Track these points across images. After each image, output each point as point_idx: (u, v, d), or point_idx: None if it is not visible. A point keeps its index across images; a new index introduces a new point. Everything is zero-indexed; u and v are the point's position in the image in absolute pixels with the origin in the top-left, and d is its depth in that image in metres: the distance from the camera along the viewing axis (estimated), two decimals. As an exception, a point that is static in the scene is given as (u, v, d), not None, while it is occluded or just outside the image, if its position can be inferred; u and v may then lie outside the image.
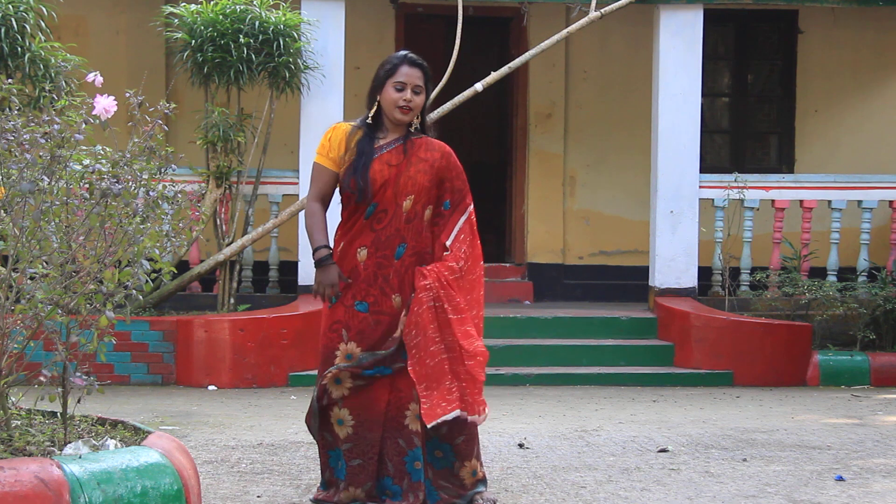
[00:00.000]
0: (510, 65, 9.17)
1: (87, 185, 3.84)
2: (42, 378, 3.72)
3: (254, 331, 8.47)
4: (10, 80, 4.53)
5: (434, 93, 5.21)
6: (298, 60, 9.05)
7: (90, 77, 4.28)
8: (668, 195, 9.68)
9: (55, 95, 7.75)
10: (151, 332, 8.42)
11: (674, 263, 9.68)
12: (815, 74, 11.78)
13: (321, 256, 4.50)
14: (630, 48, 11.32)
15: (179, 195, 4.27)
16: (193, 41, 8.83)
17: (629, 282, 11.01)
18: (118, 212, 3.83)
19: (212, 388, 8.29)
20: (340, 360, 4.49)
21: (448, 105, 8.83)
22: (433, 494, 4.51)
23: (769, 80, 12.24)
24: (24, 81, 8.27)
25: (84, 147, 3.94)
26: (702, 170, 9.83)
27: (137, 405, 7.30)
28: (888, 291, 9.28)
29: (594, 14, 9.20)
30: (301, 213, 9.13)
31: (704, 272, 9.93)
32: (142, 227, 3.88)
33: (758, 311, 9.48)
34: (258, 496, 4.82)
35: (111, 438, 3.79)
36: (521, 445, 6.03)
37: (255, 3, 8.92)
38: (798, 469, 5.51)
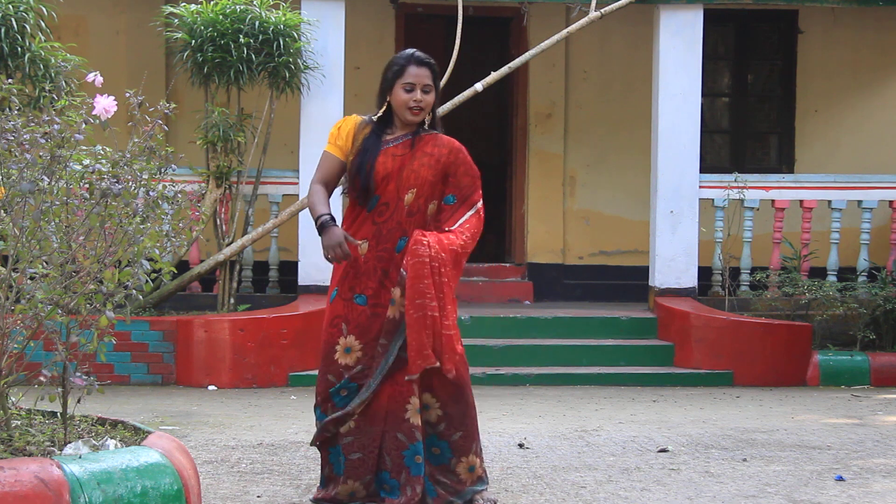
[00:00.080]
0: (510, 65, 9.17)
1: (87, 185, 3.84)
2: (42, 378, 3.72)
3: (254, 331, 8.47)
4: (10, 80, 4.53)
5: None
6: (298, 60, 9.05)
7: (90, 77, 4.28)
8: (668, 195, 9.68)
9: (55, 95, 7.75)
10: (151, 332, 8.42)
11: (674, 263, 9.68)
12: (815, 74, 11.78)
13: (322, 221, 4.44)
14: (630, 48, 11.32)
15: (179, 195, 4.27)
16: (193, 41, 8.83)
17: (629, 282, 11.01)
18: (118, 212, 3.83)
19: (212, 388, 8.29)
20: (340, 355, 4.51)
21: (448, 105, 8.82)
22: (431, 489, 4.51)
23: (769, 80, 12.24)
24: (24, 81, 8.27)
25: (84, 147, 3.94)
26: (702, 170, 9.83)
27: (137, 405, 7.30)
28: (888, 291, 9.28)
29: (594, 14, 9.20)
30: (301, 214, 9.14)
31: (704, 272, 9.93)
32: (142, 227, 3.88)
33: (758, 311, 9.47)
34: (258, 496, 4.82)
35: (111, 438, 3.79)
36: (521, 445, 6.03)
37: (255, 3, 8.92)
38: (798, 469, 5.51)
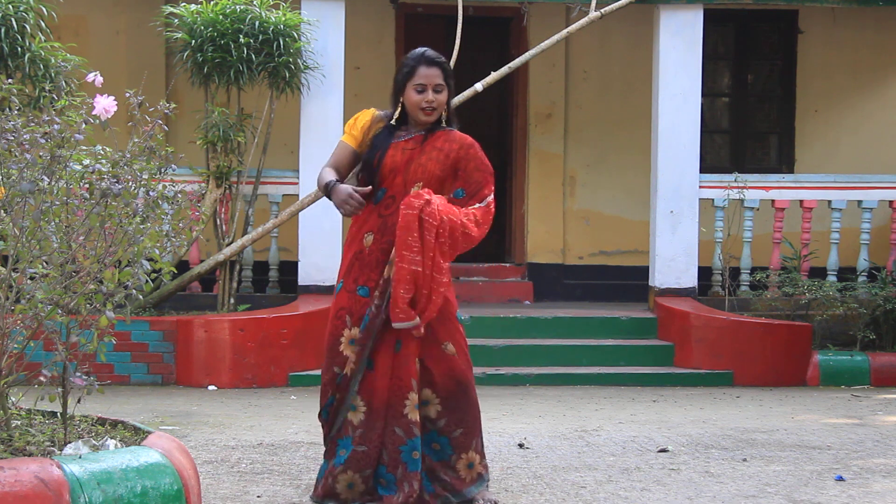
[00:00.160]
0: (510, 65, 9.17)
1: (87, 185, 3.84)
2: (42, 378, 3.72)
3: (254, 331, 8.47)
4: (10, 80, 4.53)
5: None
6: (298, 60, 9.05)
7: (90, 77, 4.28)
8: (668, 195, 9.68)
9: (55, 95, 7.75)
10: (151, 332, 8.42)
11: (674, 263, 9.68)
12: (815, 74, 11.78)
13: (328, 186, 4.47)
14: (630, 48, 11.31)
15: (179, 195, 4.27)
16: (193, 41, 8.83)
17: (629, 282, 11.01)
18: (118, 212, 3.83)
19: (212, 388, 8.29)
20: (345, 347, 4.52)
21: (448, 105, 8.82)
22: (429, 486, 4.51)
23: (769, 80, 12.24)
24: (24, 81, 8.27)
25: (84, 147, 3.94)
26: (702, 170, 9.83)
27: (137, 405, 7.30)
28: (888, 291, 9.28)
29: (594, 14, 9.20)
30: (301, 214, 9.14)
31: (704, 272, 9.93)
32: (142, 227, 3.88)
33: (758, 311, 9.47)
34: (258, 496, 4.82)
35: (111, 438, 3.79)
36: (521, 445, 6.03)
37: (255, 3, 8.92)
38: (798, 469, 5.51)
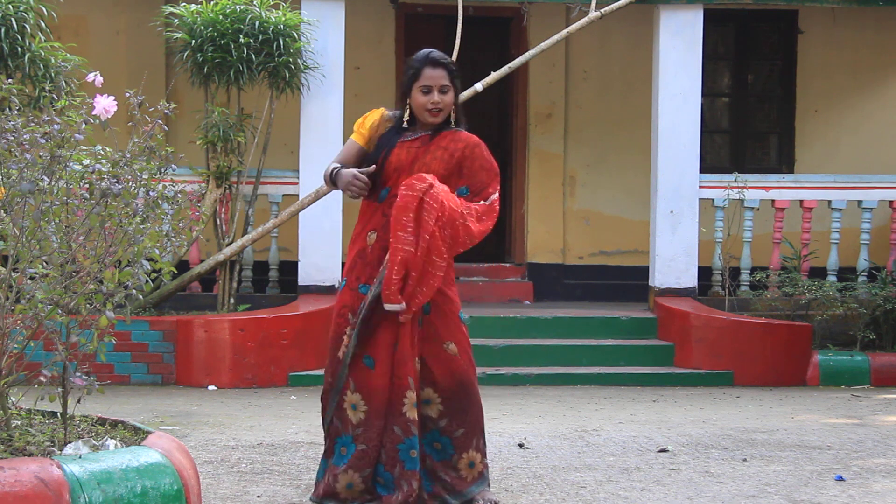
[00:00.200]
0: (510, 65, 9.16)
1: (87, 185, 3.84)
2: (42, 378, 3.72)
3: (254, 331, 8.47)
4: (10, 80, 4.53)
5: None
6: (298, 60, 9.05)
7: (90, 77, 4.27)
8: (668, 195, 9.68)
9: (55, 95, 7.75)
10: (151, 332, 8.42)
11: (674, 263, 9.68)
12: (815, 74, 11.78)
13: (333, 172, 4.53)
14: (630, 48, 11.31)
15: (179, 195, 4.27)
16: (193, 41, 8.83)
17: (629, 282, 11.01)
18: (118, 212, 3.83)
19: (212, 388, 8.29)
20: (347, 344, 4.52)
21: (448, 105, 8.82)
22: (428, 485, 4.51)
23: (769, 80, 12.24)
24: (24, 81, 8.27)
25: (84, 147, 3.94)
26: (702, 170, 9.83)
27: (137, 405, 7.30)
28: (888, 291, 9.28)
29: (594, 14, 9.20)
30: (301, 214, 9.14)
31: (704, 272, 9.93)
32: (142, 227, 3.88)
33: (758, 311, 9.47)
34: (258, 496, 4.82)
35: (111, 438, 3.79)
36: (521, 445, 6.03)
37: (255, 3, 8.92)
38: (798, 469, 5.51)
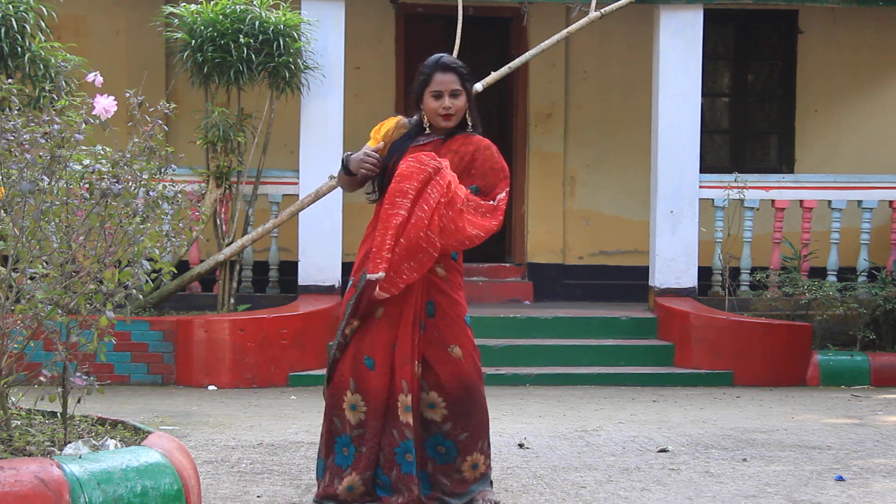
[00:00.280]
0: (510, 65, 9.16)
1: (87, 185, 3.84)
2: (42, 378, 3.72)
3: (254, 331, 8.47)
4: (10, 80, 4.53)
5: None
6: (298, 60, 9.05)
7: (90, 77, 4.27)
8: (668, 195, 9.68)
9: (55, 95, 7.75)
10: (151, 332, 8.42)
11: (674, 263, 9.68)
12: (815, 74, 11.78)
13: (343, 161, 4.57)
14: (630, 48, 11.31)
15: (179, 195, 4.27)
16: (193, 41, 8.83)
17: (629, 282, 11.01)
18: (118, 212, 3.83)
19: (212, 388, 8.29)
20: (349, 337, 4.52)
21: (448, 105, 8.81)
22: (426, 488, 4.50)
23: (769, 80, 12.24)
24: (24, 81, 8.27)
25: (84, 147, 3.94)
26: (702, 170, 9.83)
27: (137, 405, 7.30)
28: (888, 291, 9.28)
29: (594, 14, 9.20)
30: (301, 214, 9.14)
31: (704, 272, 9.93)
32: (142, 227, 3.88)
33: (758, 311, 9.47)
34: (258, 496, 4.81)
35: (111, 438, 3.79)
36: (521, 445, 6.03)
37: (255, 3, 8.93)
38: (798, 469, 5.51)
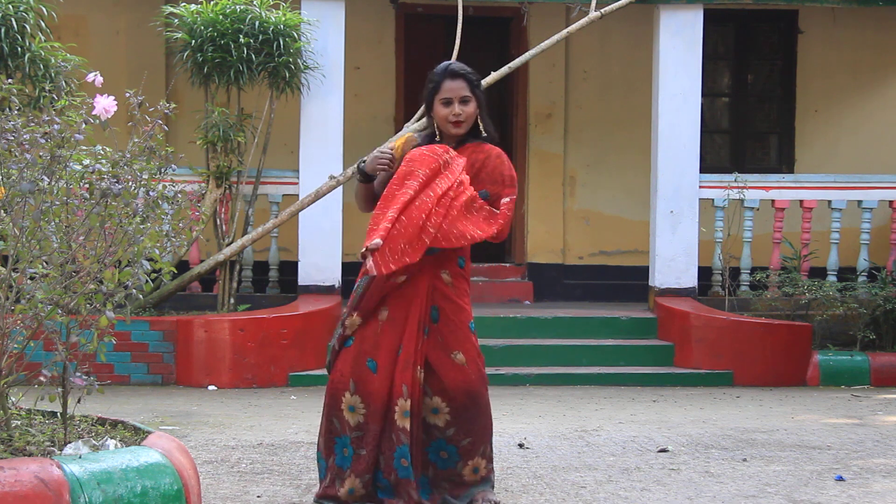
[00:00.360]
0: (510, 65, 9.16)
1: (87, 185, 3.84)
2: (42, 378, 3.72)
3: (254, 331, 8.47)
4: (10, 80, 4.53)
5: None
6: (298, 60, 9.05)
7: (90, 77, 4.27)
8: (668, 195, 9.68)
9: (55, 95, 7.75)
10: (151, 332, 8.42)
11: (674, 263, 9.68)
12: (815, 74, 11.78)
13: (358, 164, 4.63)
14: (630, 48, 11.31)
15: (179, 195, 4.27)
16: (193, 41, 8.83)
17: (629, 282, 11.01)
18: (118, 212, 3.83)
19: (212, 388, 8.29)
20: (349, 329, 4.53)
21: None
22: (426, 493, 4.51)
23: (769, 80, 12.24)
24: (24, 81, 8.27)
25: (84, 147, 3.94)
26: (702, 170, 9.83)
27: (137, 405, 7.30)
28: (888, 291, 9.28)
29: (594, 14, 9.20)
30: (301, 214, 9.14)
31: (704, 272, 9.93)
32: (142, 227, 3.88)
33: (758, 311, 9.47)
34: (258, 496, 4.82)
35: (111, 438, 3.79)
36: (521, 445, 6.03)
37: (255, 3, 8.93)
38: (798, 469, 5.51)
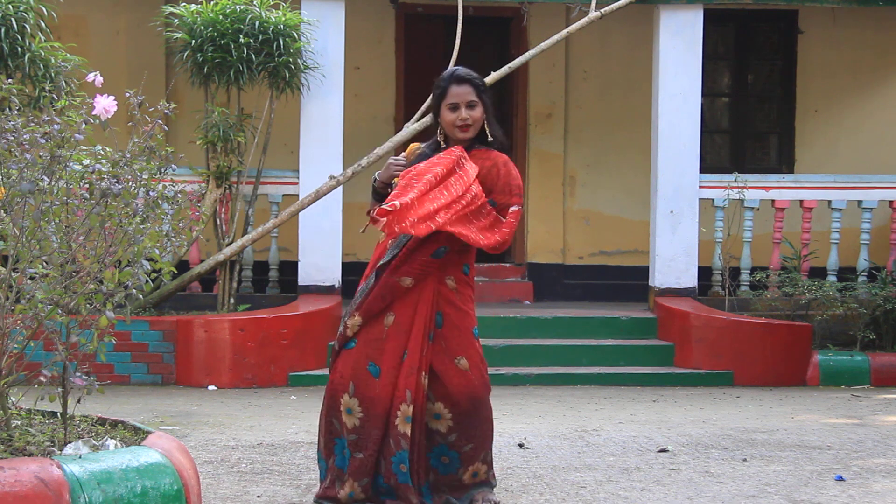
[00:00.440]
0: (510, 65, 9.15)
1: (87, 185, 3.84)
2: (42, 378, 3.72)
3: (254, 331, 8.47)
4: (10, 80, 4.53)
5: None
6: (298, 60, 9.05)
7: (90, 77, 4.27)
8: (668, 195, 9.68)
9: (55, 95, 7.75)
10: (151, 332, 8.42)
11: (674, 263, 9.68)
12: (815, 74, 11.78)
13: (374, 181, 4.65)
14: (630, 48, 11.31)
15: (179, 195, 4.27)
16: (193, 41, 8.83)
17: (629, 282, 11.01)
18: (118, 212, 3.83)
19: (212, 388, 8.29)
20: (350, 330, 4.53)
21: (448, 105, 8.82)
22: (429, 498, 4.52)
23: (769, 80, 12.24)
24: (24, 81, 8.27)
25: (84, 147, 3.94)
26: (702, 170, 9.83)
27: (137, 405, 7.30)
28: (888, 291, 9.28)
29: (594, 14, 9.19)
30: (301, 214, 9.14)
31: (704, 272, 9.93)
32: (142, 227, 3.88)
33: (758, 311, 9.47)
34: (258, 496, 4.82)
35: (111, 438, 3.79)
36: (521, 445, 6.03)
37: (255, 3, 8.93)
38: (798, 469, 5.51)
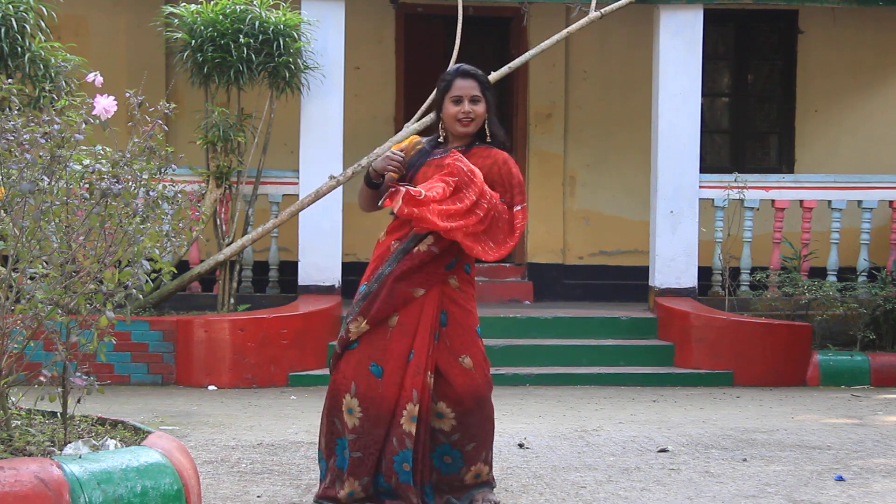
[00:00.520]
0: (510, 65, 9.15)
1: (87, 185, 3.84)
2: (42, 378, 3.72)
3: (254, 331, 8.47)
4: (10, 80, 4.53)
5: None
6: (298, 60, 9.05)
7: (90, 77, 4.27)
8: (668, 195, 9.68)
9: (55, 95, 7.75)
10: (151, 332, 8.42)
11: (674, 263, 9.68)
12: (815, 74, 11.78)
13: (367, 170, 4.62)
14: (630, 48, 11.31)
15: (179, 195, 4.26)
16: (193, 41, 8.83)
17: (629, 282, 11.01)
18: (118, 212, 3.83)
19: (212, 388, 8.29)
20: (354, 335, 4.52)
21: (448, 105, 8.81)
22: (431, 498, 4.52)
23: (769, 80, 12.24)
24: (24, 81, 8.27)
25: (84, 147, 3.94)
26: (702, 170, 9.83)
27: (137, 405, 7.30)
28: (888, 291, 9.28)
29: (594, 14, 9.19)
30: (301, 214, 9.14)
31: (704, 272, 9.93)
32: (142, 227, 3.88)
33: (758, 311, 9.47)
34: (258, 496, 4.82)
35: (111, 438, 3.79)
36: (521, 445, 6.03)
37: (255, 3, 8.93)
38: (798, 469, 5.51)
